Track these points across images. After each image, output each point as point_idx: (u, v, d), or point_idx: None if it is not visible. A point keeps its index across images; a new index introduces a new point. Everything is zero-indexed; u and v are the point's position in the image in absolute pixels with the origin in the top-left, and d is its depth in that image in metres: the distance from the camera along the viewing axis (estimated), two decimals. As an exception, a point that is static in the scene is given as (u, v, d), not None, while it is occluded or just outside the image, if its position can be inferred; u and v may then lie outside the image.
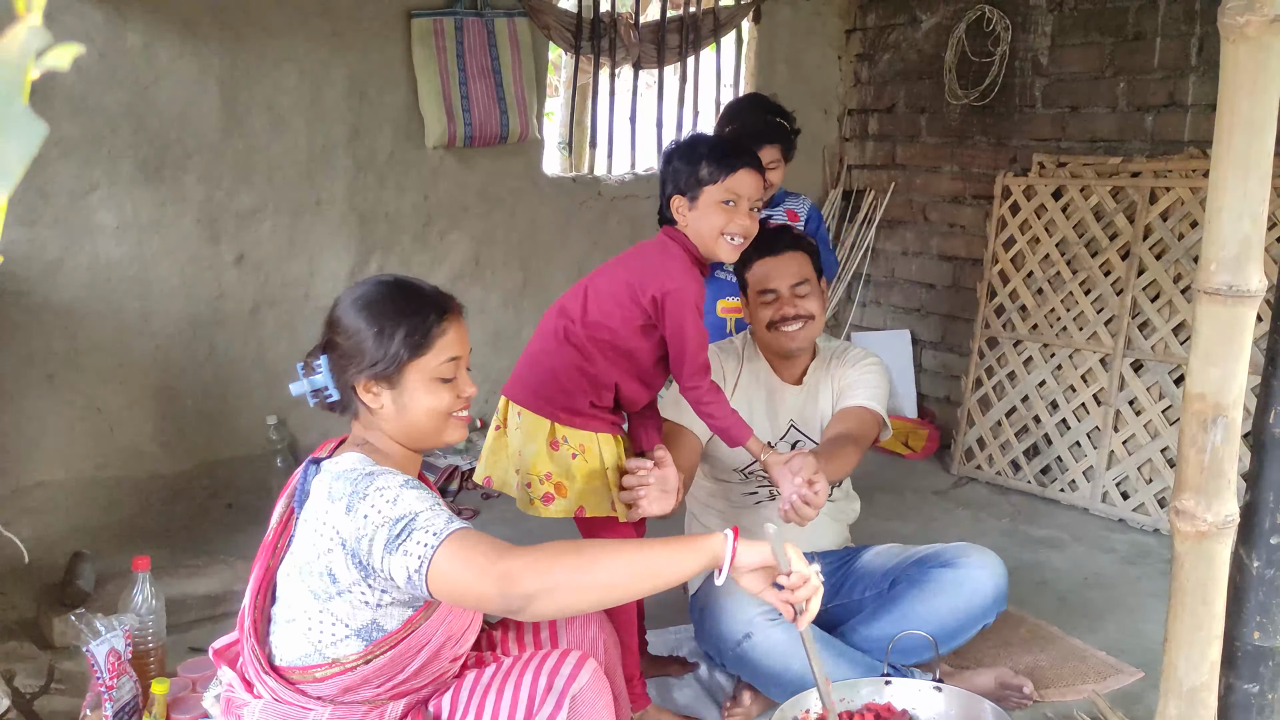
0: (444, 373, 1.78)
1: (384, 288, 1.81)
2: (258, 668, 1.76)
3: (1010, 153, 4.65)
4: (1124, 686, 2.75)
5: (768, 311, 2.67)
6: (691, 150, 2.43)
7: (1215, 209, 1.43)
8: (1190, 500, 1.49)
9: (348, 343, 1.76)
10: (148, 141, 3.64)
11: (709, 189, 2.38)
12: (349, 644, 1.72)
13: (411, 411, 1.77)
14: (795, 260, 2.66)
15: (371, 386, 1.76)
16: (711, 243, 2.40)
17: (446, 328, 1.79)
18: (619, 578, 1.58)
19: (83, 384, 3.62)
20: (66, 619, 2.81)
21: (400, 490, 1.65)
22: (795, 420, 2.78)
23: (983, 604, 2.57)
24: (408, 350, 1.74)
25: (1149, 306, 4.05)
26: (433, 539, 1.58)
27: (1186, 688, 1.53)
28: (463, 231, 4.43)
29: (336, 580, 1.68)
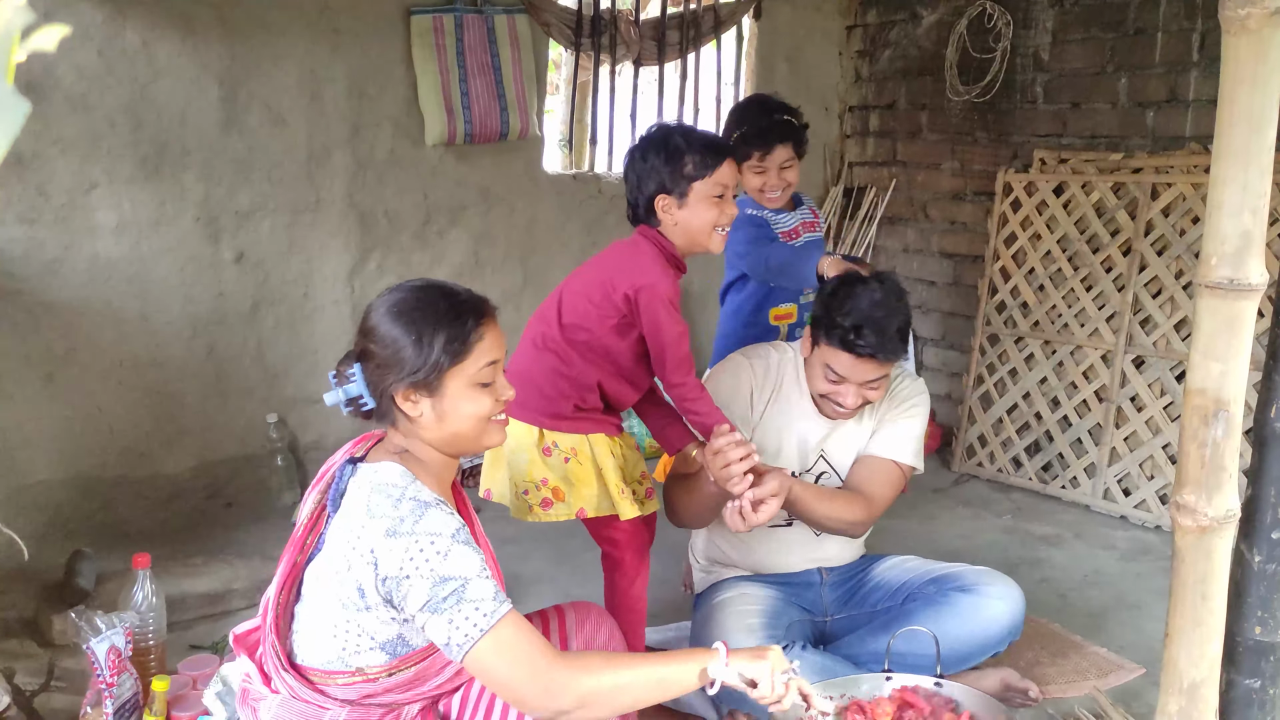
0: (484, 377, 1.76)
1: (420, 293, 1.77)
2: (276, 664, 1.75)
3: (1011, 149, 4.65)
4: (1125, 683, 2.75)
5: (825, 386, 2.53)
6: (668, 146, 2.38)
7: (1216, 203, 1.42)
8: (1191, 495, 1.48)
9: (385, 351, 1.73)
10: (147, 140, 3.63)
11: (698, 184, 2.36)
12: (374, 655, 1.71)
13: (452, 418, 1.75)
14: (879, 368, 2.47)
15: (411, 395, 1.73)
16: (704, 237, 2.40)
17: (484, 332, 1.76)
18: (640, 696, 1.68)
19: (82, 383, 3.62)
20: (67, 617, 2.81)
21: (451, 544, 1.62)
22: (826, 452, 2.67)
23: (997, 634, 2.53)
24: (448, 357, 1.71)
25: (1150, 303, 4.04)
26: (483, 620, 1.59)
27: (1187, 683, 1.52)
28: (462, 229, 4.42)
29: (365, 596, 1.66)
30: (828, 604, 2.72)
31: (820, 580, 2.72)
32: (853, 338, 2.41)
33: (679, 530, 2.74)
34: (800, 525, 2.66)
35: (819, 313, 2.50)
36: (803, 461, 2.65)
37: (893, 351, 2.44)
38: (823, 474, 2.68)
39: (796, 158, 3.14)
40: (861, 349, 2.41)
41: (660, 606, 3.22)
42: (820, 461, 2.67)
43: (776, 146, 3.04)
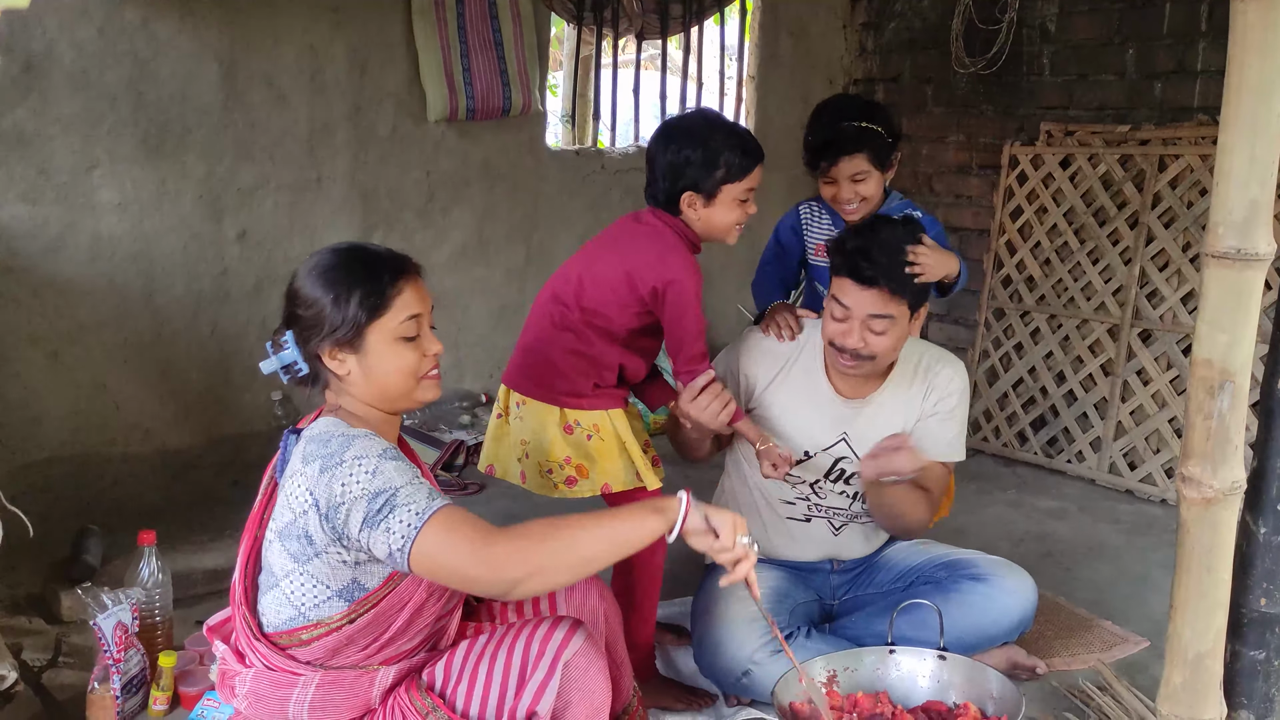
0: (405, 331, 1.79)
1: (338, 255, 1.83)
2: (249, 635, 1.78)
3: (1018, 122, 4.61)
4: (1130, 656, 2.75)
5: (831, 327, 2.41)
6: (706, 146, 2.35)
7: (1223, 172, 1.41)
8: (1197, 467, 1.48)
9: (308, 313, 1.78)
10: (148, 118, 3.62)
11: (728, 187, 2.36)
12: (332, 605, 1.73)
13: (378, 374, 1.79)
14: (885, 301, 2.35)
15: (336, 354, 1.78)
16: (724, 234, 2.44)
17: (402, 286, 1.80)
18: (595, 551, 1.65)
19: (87, 361, 3.62)
20: (74, 593, 2.82)
21: (379, 461, 1.67)
22: (849, 435, 2.54)
23: (1006, 627, 2.49)
24: (365, 312, 1.76)
25: (1157, 276, 4.02)
26: (415, 518, 1.61)
27: (1192, 655, 1.52)
28: (465, 207, 4.41)
29: (313, 542, 1.70)
30: (835, 587, 2.71)
31: (830, 569, 2.71)
32: (858, 259, 2.34)
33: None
34: (819, 521, 2.63)
35: (833, 246, 2.45)
36: (819, 443, 2.55)
37: (900, 283, 2.34)
38: (843, 457, 2.55)
39: (875, 169, 2.87)
40: (866, 273, 2.32)
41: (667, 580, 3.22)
42: (842, 444, 2.55)
43: (841, 160, 2.84)
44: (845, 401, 2.55)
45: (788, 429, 2.57)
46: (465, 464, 4.20)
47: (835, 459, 2.57)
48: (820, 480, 2.59)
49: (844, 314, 2.37)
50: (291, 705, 1.74)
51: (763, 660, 2.33)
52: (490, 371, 4.60)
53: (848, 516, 2.64)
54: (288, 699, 1.74)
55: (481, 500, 3.83)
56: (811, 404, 2.56)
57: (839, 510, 2.63)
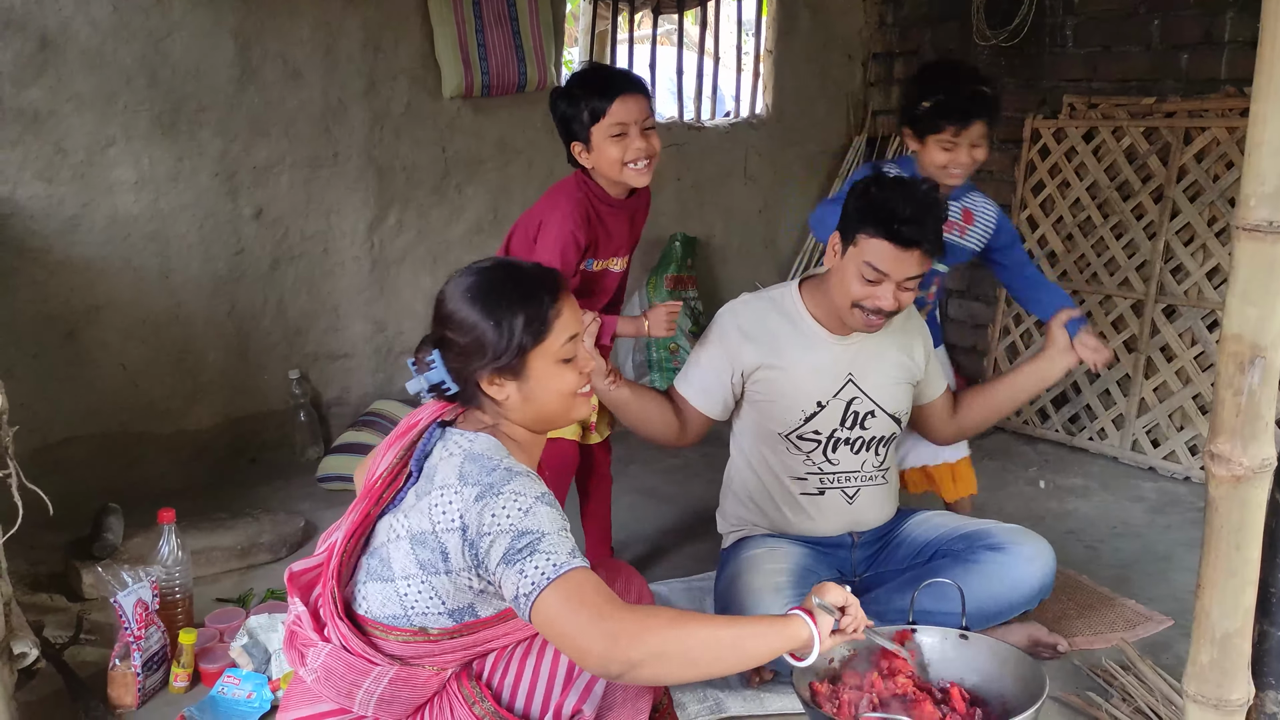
0: (566, 353, 1.75)
1: (492, 275, 1.75)
2: (333, 611, 1.73)
3: (1040, 95, 4.55)
4: (1153, 635, 2.72)
5: (860, 289, 2.42)
6: (569, 94, 2.57)
7: (1255, 143, 1.37)
8: (1226, 444, 1.45)
9: (465, 339, 1.71)
10: (162, 95, 3.60)
11: (595, 128, 2.54)
12: (439, 619, 1.69)
13: (538, 398, 1.74)
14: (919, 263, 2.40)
15: (496, 380, 1.72)
16: (617, 175, 2.58)
17: (561, 308, 1.74)
18: (712, 656, 1.60)
19: (105, 341, 3.63)
20: (94, 571, 2.84)
21: (534, 503, 1.61)
22: (854, 374, 2.59)
23: (1026, 595, 2.49)
24: (530, 338, 1.70)
25: (1182, 250, 3.97)
26: (552, 569, 1.55)
27: (1219, 634, 1.50)
28: (480, 184, 4.38)
29: (448, 560, 1.65)
30: (856, 563, 2.69)
31: (851, 543, 2.69)
32: (898, 226, 2.33)
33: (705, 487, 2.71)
34: (834, 492, 2.63)
35: (856, 206, 2.43)
36: (828, 389, 2.56)
37: (936, 246, 2.40)
38: (854, 399, 2.57)
39: (987, 139, 2.87)
40: (906, 237, 2.33)
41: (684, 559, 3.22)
42: (849, 386, 2.58)
43: (975, 122, 2.77)
44: (841, 340, 2.58)
45: (794, 386, 2.57)
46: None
47: (846, 402, 2.58)
48: (836, 429, 2.57)
49: (878, 277, 2.39)
50: (360, 693, 1.71)
51: None
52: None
53: (861, 480, 2.64)
54: (358, 685, 1.70)
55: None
56: (811, 354, 2.57)
57: (852, 474, 2.63)
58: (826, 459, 2.59)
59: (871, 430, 2.62)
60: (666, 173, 4.85)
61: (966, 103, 2.78)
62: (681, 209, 4.91)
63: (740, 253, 5.15)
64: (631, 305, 4.75)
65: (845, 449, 2.61)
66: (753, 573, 2.47)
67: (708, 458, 2.81)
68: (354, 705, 1.72)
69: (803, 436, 2.58)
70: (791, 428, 2.58)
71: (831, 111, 5.28)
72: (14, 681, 2.15)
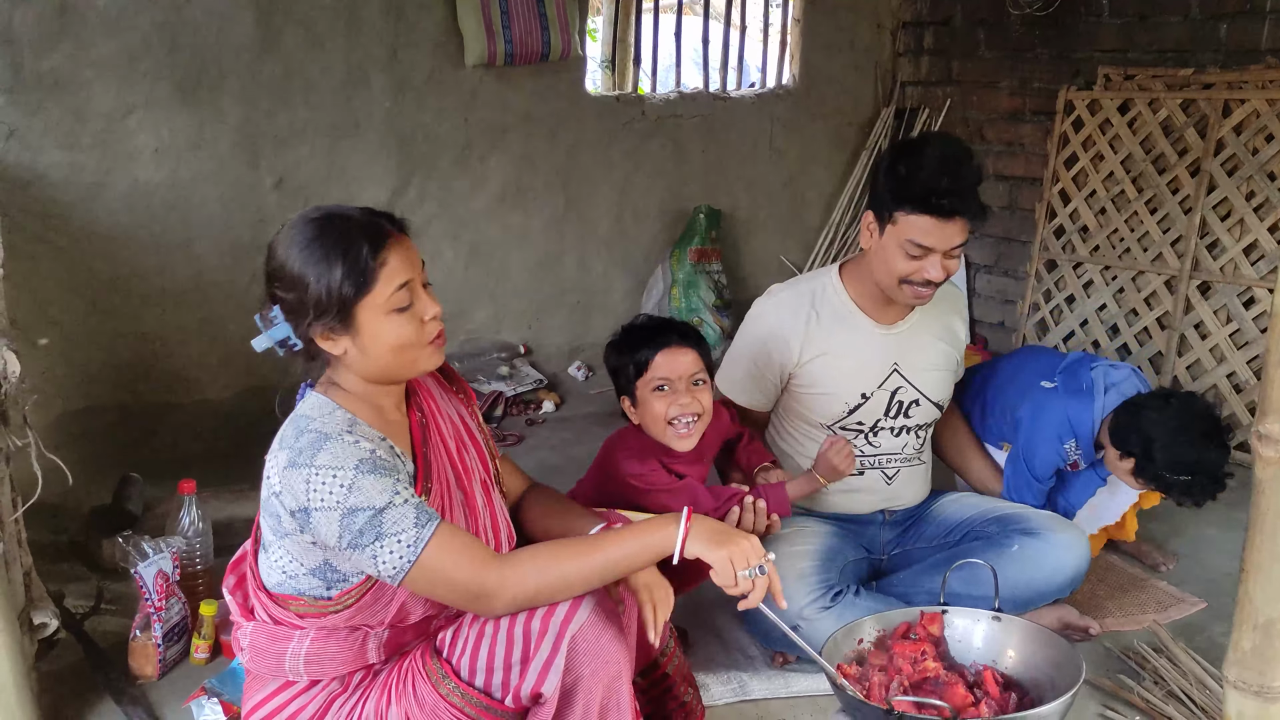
0: (397, 303, 1.67)
1: (311, 227, 1.66)
2: (254, 584, 1.76)
3: (1074, 66, 4.45)
4: (1185, 617, 2.67)
5: (906, 265, 2.37)
6: (617, 345, 2.39)
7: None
8: (1275, 424, 1.40)
9: (290, 295, 1.65)
10: (183, 62, 3.57)
11: (640, 382, 2.33)
12: (309, 581, 1.69)
13: (375, 351, 1.67)
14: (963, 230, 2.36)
15: (328, 335, 1.66)
16: (661, 434, 2.33)
17: (385, 256, 1.65)
18: (583, 581, 1.64)
19: (126, 310, 3.61)
20: (115, 541, 2.82)
21: (354, 476, 1.58)
22: (899, 365, 2.53)
23: (1060, 583, 2.44)
24: (351, 290, 1.63)
25: (1219, 226, 3.88)
26: (408, 550, 1.58)
27: (1263, 619, 1.46)
28: (503, 154, 4.34)
29: (282, 523, 1.64)
30: (885, 541, 2.66)
31: (882, 520, 2.65)
32: (936, 200, 2.29)
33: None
34: (872, 473, 2.59)
35: (888, 185, 2.36)
36: (874, 380, 2.52)
37: (977, 210, 2.34)
38: (898, 389, 2.53)
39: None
40: (944, 207, 2.29)
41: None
42: (894, 376, 2.53)
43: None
44: (886, 330, 2.54)
45: (839, 379, 2.51)
46: (504, 415, 4.17)
47: (890, 392, 2.54)
48: (880, 419, 2.54)
49: (922, 252, 2.35)
50: (288, 658, 1.71)
51: (811, 617, 2.28)
52: (529, 322, 4.55)
53: (900, 461, 2.60)
54: (284, 652, 1.71)
55: (522, 450, 3.80)
56: (856, 345, 2.52)
57: (892, 455, 2.59)
58: (868, 443, 2.55)
59: (915, 419, 2.59)
60: (691, 144, 4.79)
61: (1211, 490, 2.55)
62: (706, 181, 4.85)
63: (765, 226, 5.09)
64: (655, 278, 4.70)
65: (887, 434, 2.58)
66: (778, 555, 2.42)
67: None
68: (287, 673, 1.73)
69: (845, 427, 2.54)
70: (835, 419, 2.54)
71: (860, 82, 5.19)
72: (35, 651, 2.15)
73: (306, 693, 1.74)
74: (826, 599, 2.31)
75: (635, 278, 4.77)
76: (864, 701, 1.72)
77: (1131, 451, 2.55)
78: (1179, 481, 2.51)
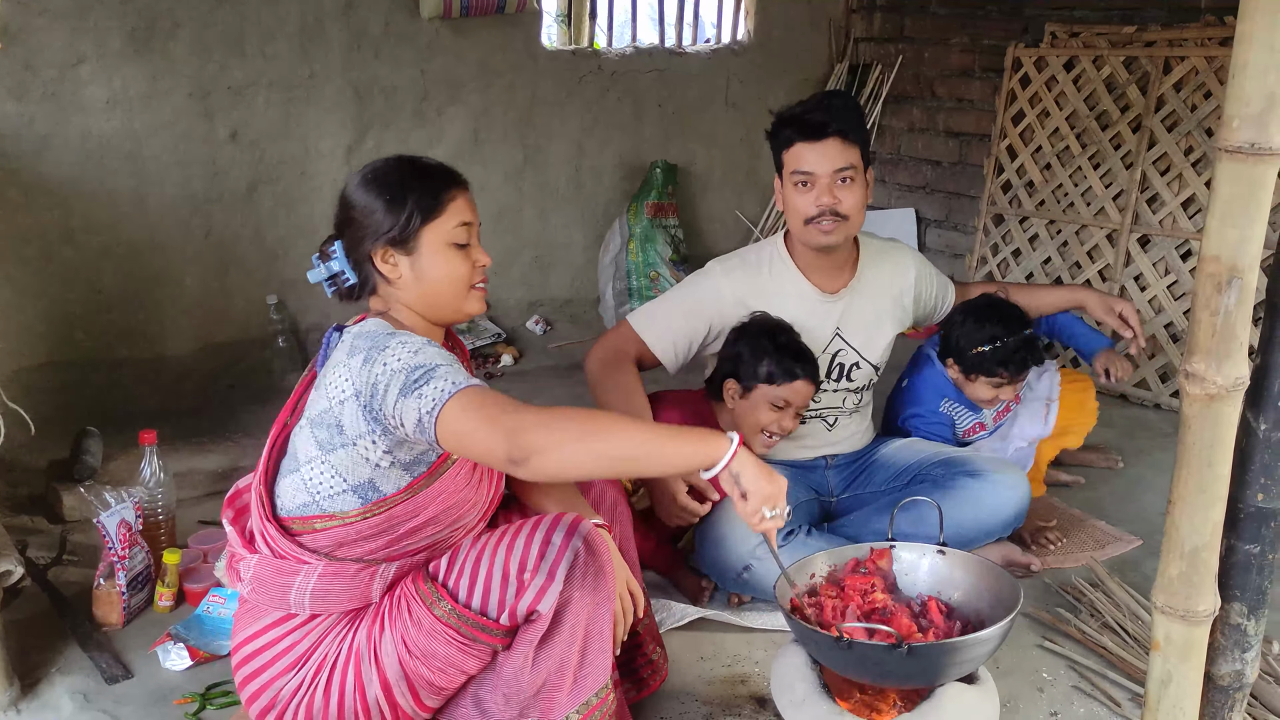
0: (458, 237, 1.82)
1: (391, 163, 1.86)
2: (261, 513, 1.80)
3: (1023, 23, 4.52)
4: (1122, 554, 2.80)
5: (801, 202, 2.49)
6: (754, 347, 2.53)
7: (1240, 64, 1.38)
8: (1201, 363, 1.48)
9: (361, 216, 1.80)
10: (135, 11, 3.52)
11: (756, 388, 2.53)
12: (345, 499, 1.75)
13: (429, 278, 1.81)
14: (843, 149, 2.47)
15: (389, 255, 1.80)
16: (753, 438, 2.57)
17: (456, 194, 1.83)
18: (623, 451, 1.61)
19: (80, 264, 3.59)
20: (76, 492, 2.84)
21: (423, 345, 1.70)
22: (841, 329, 2.65)
23: (1002, 521, 2.55)
24: (420, 214, 1.78)
25: (1159, 180, 3.99)
26: (450, 385, 1.63)
27: (1189, 548, 1.54)
28: (461, 106, 4.33)
29: (344, 431, 1.72)
30: (834, 484, 2.74)
31: (825, 464, 2.74)
32: (805, 117, 2.45)
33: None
34: (814, 422, 2.68)
35: (771, 137, 2.55)
36: (818, 345, 2.60)
37: (851, 126, 2.46)
38: (839, 351, 2.65)
39: None
40: (811, 123, 2.43)
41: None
42: (836, 339, 2.65)
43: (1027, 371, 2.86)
44: (829, 297, 2.63)
45: None
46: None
47: (832, 355, 2.64)
48: (822, 381, 2.62)
49: (809, 179, 2.46)
50: (293, 593, 1.77)
51: (764, 555, 2.37)
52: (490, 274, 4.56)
53: (840, 413, 2.71)
54: (290, 586, 1.76)
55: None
56: (801, 309, 2.60)
57: (833, 409, 2.69)
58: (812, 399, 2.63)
59: (856, 381, 2.70)
60: (647, 99, 4.80)
61: (1021, 352, 2.76)
62: (663, 136, 4.87)
63: (722, 181, 5.13)
64: (613, 232, 4.74)
65: (829, 393, 2.68)
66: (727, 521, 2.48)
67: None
68: (290, 606, 1.78)
69: None
70: None
71: (814, 39, 5.22)
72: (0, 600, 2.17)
73: (303, 627, 1.80)
74: (779, 538, 2.39)
75: (593, 232, 4.80)
76: (815, 630, 1.80)
77: (949, 355, 2.80)
78: (987, 354, 2.74)
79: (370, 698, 1.76)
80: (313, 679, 1.78)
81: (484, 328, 4.45)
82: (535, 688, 1.72)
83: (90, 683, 2.21)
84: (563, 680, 1.71)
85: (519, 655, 1.72)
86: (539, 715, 1.73)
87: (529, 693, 1.72)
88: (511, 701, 1.74)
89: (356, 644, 1.78)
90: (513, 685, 1.73)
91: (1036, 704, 2.18)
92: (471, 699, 1.79)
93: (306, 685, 1.78)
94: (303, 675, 1.79)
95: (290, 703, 1.78)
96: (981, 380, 2.79)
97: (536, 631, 1.70)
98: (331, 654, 1.78)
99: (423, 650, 1.73)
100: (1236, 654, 1.63)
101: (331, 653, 1.78)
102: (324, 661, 1.78)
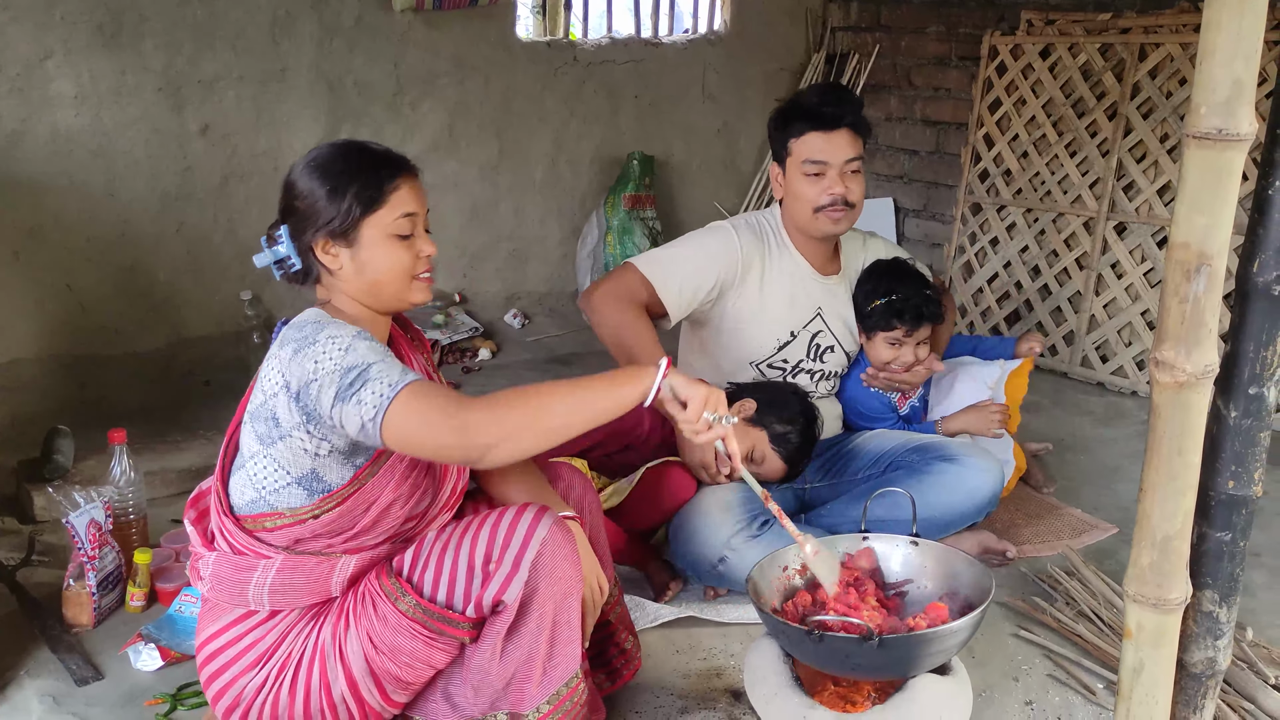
0: (400, 229, 1.77)
1: (336, 149, 1.81)
2: (219, 510, 1.79)
3: (999, 10, 4.52)
4: (1097, 542, 2.80)
5: (808, 188, 2.56)
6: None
7: (1207, 50, 1.37)
8: (1170, 350, 1.47)
9: (303, 204, 1.76)
10: (102, 5, 3.48)
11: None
12: (291, 493, 1.73)
13: (370, 270, 1.77)
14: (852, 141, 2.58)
15: (329, 246, 1.76)
16: None
17: (400, 184, 1.78)
18: (566, 419, 1.65)
19: (51, 261, 3.55)
20: (46, 492, 2.81)
21: (352, 340, 1.66)
22: (823, 310, 2.73)
23: (976, 505, 2.57)
24: (361, 205, 1.74)
25: (1134, 167, 3.99)
26: (388, 389, 1.60)
27: (1160, 536, 1.54)
28: (435, 100, 4.30)
29: (279, 424, 1.70)
30: (808, 473, 2.74)
31: None
32: (818, 108, 2.52)
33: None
34: None
35: (776, 126, 2.60)
36: (801, 319, 2.69)
37: (859, 121, 2.55)
38: (818, 332, 2.72)
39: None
40: (827, 115, 2.51)
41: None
42: (817, 319, 2.72)
43: (923, 326, 2.77)
44: (821, 279, 2.72)
45: (772, 313, 2.65)
46: (440, 363, 4.18)
47: (812, 334, 2.71)
48: (802, 360, 2.69)
49: (820, 169, 2.54)
50: (251, 588, 1.75)
51: (739, 546, 2.36)
52: (464, 270, 4.55)
53: (814, 398, 2.71)
54: (248, 582, 1.75)
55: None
56: (794, 284, 2.68)
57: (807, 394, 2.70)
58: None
59: (829, 365, 2.77)
60: (624, 91, 4.78)
61: (918, 307, 2.74)
62: (640, 127, 4.85)
63: (699, 172, 5.12)
64: (590, 225, 4.72)
65: (805, 376, 2.74)
66: (706, 487, 2.50)
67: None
68: (249, 603, 1.77)
69: (772, 365, 2.69)
70: (764, 356, 2.67)
71: (791, 29, 5.21)
72: (-32, 601, 2.14)
73: (265, 624, 1.78)
74: (754, 528, 2.39)
75: (570, 225, 4.78)
76: (786, 622, 1.80)
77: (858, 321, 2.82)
78: (883, 307, 2.73)
79: (336, 694, 1.75)
80: (277, 676, 1.77)
81: (461, 322, 4.43)
82: (504, 679, 1.71)
83: (60, 685, 2.18)
84: (532, 671, 1.71)
85: (486, 647, 1.71)
86: (509, 707, 1.72)
87: (498, 684, 1.71)
88: (481, 694, 1.73)
89: (321, 641, 1.76)
90: (481, 678, 1.73)
91: (1012, 693, 2.18)
92: (441, 693, 1.78)
93: (271, 683, 1.77)
94: (266, 672, 1.77)
95: (255, 700, 1.77)
96: (879, 338, 2.75)
97: (503, 622, 1.69)
98: (296, 651, 1.77)
99: (389, 645, 1.72)
100: (1209, 641, 1.63)
101: (296, 650, 1.77)
102: (288, 659, 1.77)
